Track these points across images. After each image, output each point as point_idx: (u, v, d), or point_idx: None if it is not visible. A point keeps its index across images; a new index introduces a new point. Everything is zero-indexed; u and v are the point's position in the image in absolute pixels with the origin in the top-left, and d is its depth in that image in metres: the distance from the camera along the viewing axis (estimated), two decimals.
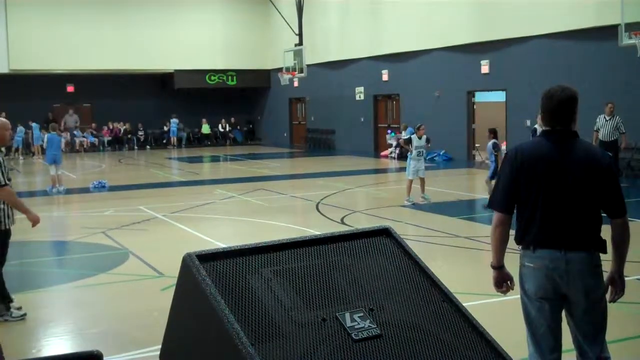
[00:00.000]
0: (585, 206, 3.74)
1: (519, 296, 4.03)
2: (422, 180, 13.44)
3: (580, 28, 18.05)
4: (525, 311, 3.90)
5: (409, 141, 13.77)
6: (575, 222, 3.73)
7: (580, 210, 3.73)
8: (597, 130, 14.72)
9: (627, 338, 5.79)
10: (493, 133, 13.73)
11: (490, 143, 13.61)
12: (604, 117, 14.64)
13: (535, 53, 19.68)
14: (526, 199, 3.81)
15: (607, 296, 3.87)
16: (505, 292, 4.06)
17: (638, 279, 7.65)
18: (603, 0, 16.89)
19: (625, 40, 14.06)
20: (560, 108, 3.79)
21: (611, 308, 3.89)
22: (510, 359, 3.18)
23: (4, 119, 6.55)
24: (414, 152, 13.24)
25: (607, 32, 15.75)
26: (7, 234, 6.39)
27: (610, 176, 3.74)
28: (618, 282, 3.83)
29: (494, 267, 4.03)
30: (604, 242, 3.80)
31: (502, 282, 4.02)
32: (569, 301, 3.77)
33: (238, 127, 35.39)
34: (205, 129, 34.40)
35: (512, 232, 3.99)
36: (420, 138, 13.32)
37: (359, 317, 2.92)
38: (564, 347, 3.91)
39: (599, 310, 3.77)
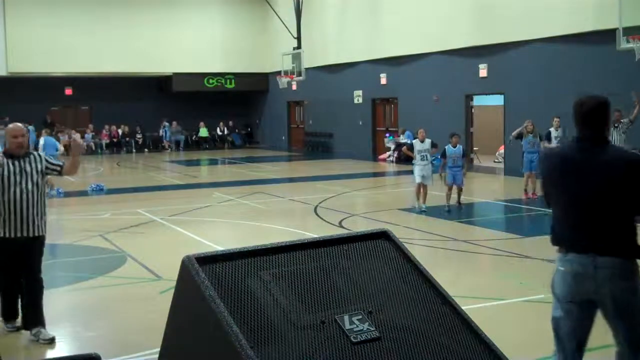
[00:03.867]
0: (612, 210, 3.77)
1: (518, 300, 4.05)
2: (425, 189, 12.89)
3: (578, 32, 18.09)
4: (553, 311, 3.96)
5: (411, 147, 13.51)
6: (602, 226, 3.77)
7: (606, 214, 3.77)
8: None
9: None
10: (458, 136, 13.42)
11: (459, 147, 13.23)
12: (613, 124, 14.31)
13: (534, 57, 19.71)
14: (555, 202, 3.97)
15: None
16: None
17: None
18: (601, 4, 16.93)
19: (624, 44, 14.07)
20: (590, 115, 3.90)
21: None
22: None
23: (13, 125, 6.12)
24: (417, 157, 12.96)
25: (605, 36, 15.79)
26: (5, 242, 6.01)
27: (636, 174, 3.74)
28: None
29: None
30: (637, 246, 3.80)
31: None
32: (600, 306, 3.81)
33: (236, 131, 35.40)
34: (204, 132, 34.40)
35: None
36: (422, 142, 13.04)
37: (357, 319, 2.92)
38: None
39: (632, 314, 3.77)
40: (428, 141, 13.04)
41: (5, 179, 5.97)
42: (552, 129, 15.24)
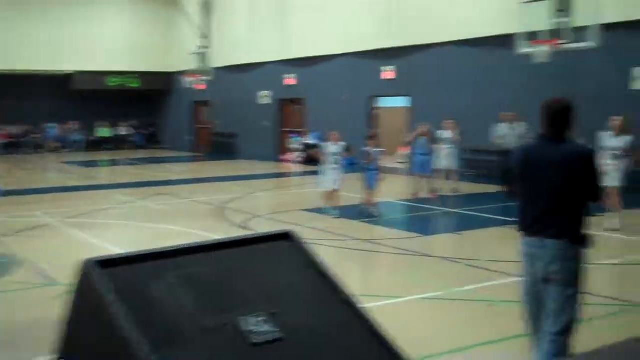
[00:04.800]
0: (565, 200, 4.33)
1: (417, 297, 4.20)
2: (336, 193, 12.43)
3: (480, 36, 18.77)
4: (522, 287, 4.61)
5: (322, 150, 12.80)
6: (554, 214, 4.33)
7: (555, 202, 4.33)
8: (500, 138, 14.80)
9: (513, 337, 6.05)
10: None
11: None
12: (508, 126, 14.75)
13: (439, 60, 20.29)
14: (520, 193, 4.53)
15: None
16: None
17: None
18: (502, 9, 17.61)
19: (523, 48, 14.67)
20: (555, 116, 4.39)
21: (500, 307, 4.09)
22: (407, 358, 3.27)
23: None
24: (329, 161, 12.44)
25: (506, 41, 16.44)
26: None
27: (587, 166, 4.33)
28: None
29: None
30: (582, 234, 4.34)
31: None
32: (549, 282, 4.39)
33: (140, 131, 34.64)
34: (105, 132, 33.48)
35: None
36: (335, 145, 12.51)
37: (260, 321, 2.93)
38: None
39: (563, 294, 4.34)
40: (341, 144, 12.55)
41: None
42: (444, 132, 15.74)
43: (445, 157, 15.56)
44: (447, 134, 15.68)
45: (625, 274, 8.51)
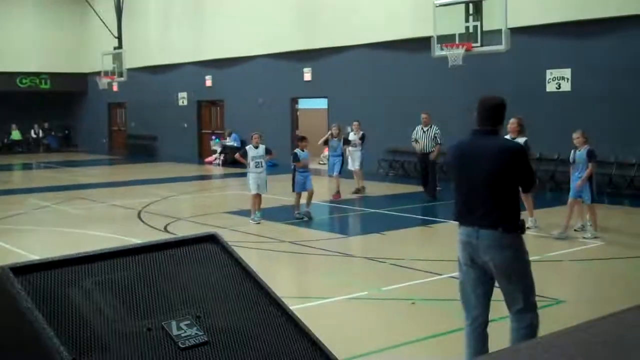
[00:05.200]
0: (496, 191, 4.51)
1: (343, 297, 4.19)
2: (260, 198, 12.08)
3: (396, 39, 19.05)
4: (458, 273, 4.79)
5: (244, 154, 12.26)
6: (487, 205, 4.50)
7: (489, 193, 4.50)
8: (416, 141, 14.76)
9: (439, 334, 6.15)
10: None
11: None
12: (422, 128, 14.72)
13: (356, 62, 20.49)
14: (456, 185, 4.75)
15: None
16: None
17: (451, 277, 8.17)
18: (417, 13, 17.92)
19: (438, 51, 14.90)
20: (489, 111, 4.62)
21: (424, 305, 4.14)
22: (335, 358, 3.26)
23: None
24: (252, 164, 12.03)
25: (422, 43, 16.72)
26: None
27: (518, 159, 4.54)
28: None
29: None
30: (516, 222, 4.50)
31: None
32: (488, 270, 4.55)
33: (53, 133, 33.57)
34: (16, 135, 32.29)
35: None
36: (256, 147, 12.11)
37: (185, 325, 2.86)
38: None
39: (509, 278, 4.54)
40: (262, 147, 12.17)
41: None
42: (351, 133, 15.89)
43: (351, 158, 15.72)
44: (352, 135, 15.84)
45: (546, 270, 8.79)
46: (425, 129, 14.68)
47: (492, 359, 2.12)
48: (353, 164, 15.77)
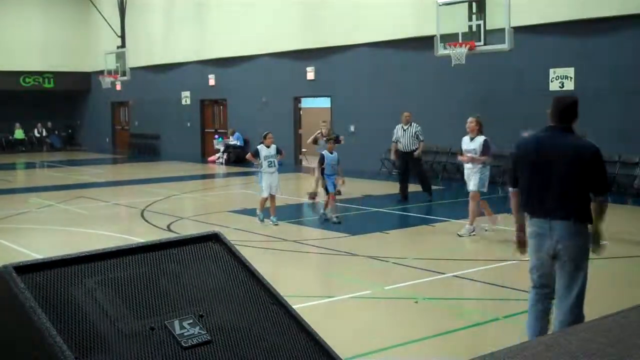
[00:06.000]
0: (568, 185, 4.72)
1: (346, 296, 4.17)
2: (274, 199, 11.83)
3: (400, 38, 19.03)
4: (529, 261, 5.03)
5: (256, 153, 11.84)
6: (558, 197, 4.74)
7: (563, 187, 4.72)
8: (397, 142, 14.39)
9: (442, 333, 6.16)
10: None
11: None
12: (402, 127, 14.33)
13: (359, 61, 20.48)
14: (526, 177, 4.93)
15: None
16: (522, 253, 5.18)
17: (454, 276, 8.17)
18: (420, 12, 17.90)
19: (441, 50, 14.87)
20: (565, 110, 4.85)
21: (427, 304, 4.12)
22: (338, 358, 3.27)
23: None
24: (264, 164, 11.69)
25: (425, 42, 16.68)
26: None
27: (594, 163, 4.73)
28: (595, 239, 4.96)
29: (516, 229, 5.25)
30: (588, 213, 4.75)
31: (522, 241, 5.14)
32: (556, 259, 4.79)
33: (56, 132, 33.61)
34: (19, 134, 32.34)
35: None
36: (269, 147, 11.80)
37: (188, 324, 2.87)
38: None
39: (575, 264, 4.76)
40: (274, 146, 11.87)
41: None
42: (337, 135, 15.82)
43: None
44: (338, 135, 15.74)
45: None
46: (405, 127, 14.35)
47: (497, 357, 2.12)
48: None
